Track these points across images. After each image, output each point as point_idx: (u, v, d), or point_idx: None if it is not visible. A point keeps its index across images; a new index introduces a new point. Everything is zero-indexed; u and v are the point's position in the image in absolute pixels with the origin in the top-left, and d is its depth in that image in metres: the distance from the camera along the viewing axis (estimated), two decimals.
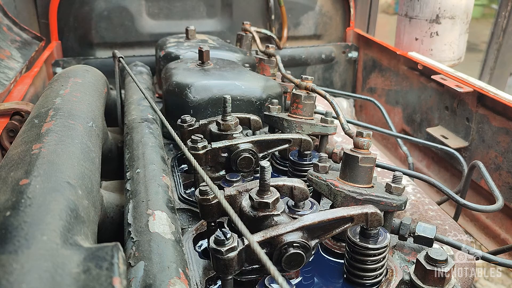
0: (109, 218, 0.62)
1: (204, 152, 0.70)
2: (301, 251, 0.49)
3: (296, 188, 0.58)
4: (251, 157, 0.72)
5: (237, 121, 0.78)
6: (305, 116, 0.82)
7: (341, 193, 0.62)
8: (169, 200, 0.56)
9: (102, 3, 1.57)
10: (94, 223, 0.46)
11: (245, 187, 0.57)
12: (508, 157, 1.19)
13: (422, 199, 0.81)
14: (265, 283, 0.49)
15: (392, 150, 1.75)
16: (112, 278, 0.31)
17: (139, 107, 0.83)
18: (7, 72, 0.95)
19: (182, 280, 0.42)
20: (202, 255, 0.62)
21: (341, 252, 0.63)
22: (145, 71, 1.12)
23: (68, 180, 0.44)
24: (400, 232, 0.64)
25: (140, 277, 0.42)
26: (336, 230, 0.53)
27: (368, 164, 0.62)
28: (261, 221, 0.52)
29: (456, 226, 0.73)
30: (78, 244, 0.36)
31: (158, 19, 1.66)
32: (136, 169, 0.61)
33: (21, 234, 0.33)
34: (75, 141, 0.53)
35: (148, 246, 0.46)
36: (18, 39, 1.14)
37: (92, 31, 1.58)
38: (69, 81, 0.73)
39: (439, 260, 0.54)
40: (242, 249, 0.47)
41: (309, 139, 0.76)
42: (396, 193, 0.62)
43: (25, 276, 0.29)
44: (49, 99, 0.64)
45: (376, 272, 0.57)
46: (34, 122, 0.57)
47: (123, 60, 0.81)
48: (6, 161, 0.48)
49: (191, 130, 0.80)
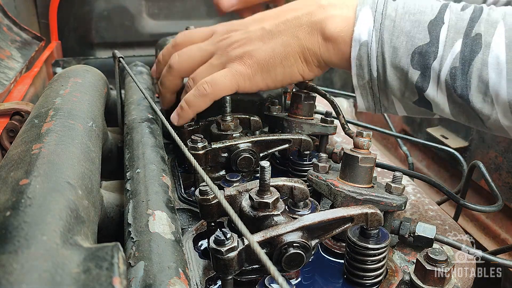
0: (109, 218, 0.62)
1: (204, 152, 0.70)
2: (301, 251, 0.49)
3: (296, 188, 0.58)
4: (251, 157, 0.72)
5: (237, 121, 0.78)
6: (305, 116, 0.82)
7: (341, 193, 0.62)
8: (169, 200, 0.56)
9: (102, 3, 1.57)
10: (94, 223, 0.46)
11: (245, 187, 0.57)
12: (508, 157, 1.19)
13: (422, 199, 0.81)
14: (265, 283, 0.49)
15: (392, 150, 1.75)
16: (112, 278, 0.31)
17: (139, 107, 0.83)
18: (7, 72, 0.95)
19: (182, 280, 0.42)
20: (202, 255, 0.62)
21: (341, 252, 0.63)
22: (145, 71, 1.12)
23: (68, 180, 0.44)
24: (400, 232, 0.64)
25: (140, 277, 0.42)
26: (336, 230, 0.53)
27: (368, 164, 0.62)
28: (261, 221, 0.52)
29: (456, 226, 0.73)
30: (78, 244, 0.36)
31: (158, 19, 1.66)
32: (136, 169, 0.61)
33: (21, 234, 0.33)
34: (75, 141, 0.53)
35: (148, 246, 0.46)
36: (18, 39, 1.14)
37: (92, 31, 1.58)
38: (69, 81, 0.73)
39: (439, 260, 0.54)
40: (242, 249, 0.47)
41: (309, 139, 0.76)
42: (396, 193, 0.62)
43: (25, 276, 0.29)
44: (49, 99, 0.64)
45: (376, 272, 0.57)
46: (34, 122, 0.57)
47: (123, 60, 0.81)
48: (6, 161, 0.48)
49: (191, 130, 0.80)
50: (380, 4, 0.66)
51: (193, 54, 0.80)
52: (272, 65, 0.73)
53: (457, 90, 0.61)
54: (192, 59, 0.80)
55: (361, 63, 0.68)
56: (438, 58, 0.62)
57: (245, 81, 0.74)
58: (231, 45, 0.76)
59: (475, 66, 0.59)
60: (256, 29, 0.75)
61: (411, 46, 0.63)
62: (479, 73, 0.59)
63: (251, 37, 0.75)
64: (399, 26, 0.64)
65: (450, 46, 0.61)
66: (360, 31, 0.66)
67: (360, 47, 0.67)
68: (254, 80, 0.74)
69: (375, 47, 0.65)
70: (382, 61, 0.66)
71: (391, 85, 0.67)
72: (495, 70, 0.57)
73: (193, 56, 0.80)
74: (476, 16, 0.61)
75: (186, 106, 0.77)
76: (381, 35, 0.65)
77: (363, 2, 0.68)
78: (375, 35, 0.65)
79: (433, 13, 0.63)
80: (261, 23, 0.75)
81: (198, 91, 0.75)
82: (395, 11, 0.65)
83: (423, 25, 0.63)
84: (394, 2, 0.66)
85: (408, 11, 0.64)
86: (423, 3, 0.65)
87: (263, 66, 0.73)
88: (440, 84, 0.63)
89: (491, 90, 0.59)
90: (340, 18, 0.68)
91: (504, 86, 0.57)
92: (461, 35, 0.60)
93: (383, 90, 0.70)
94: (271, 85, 0.76)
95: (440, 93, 0.63)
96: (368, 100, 0.73)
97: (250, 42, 0.74)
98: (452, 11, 0.62)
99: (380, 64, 0.66)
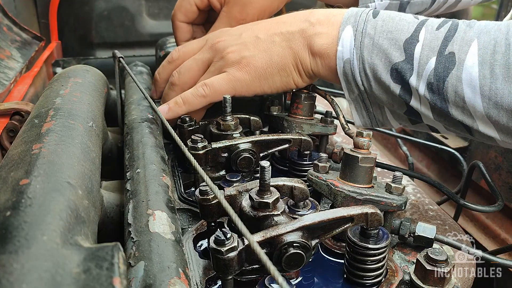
0: (109, 218, 0.62)
1: (204, 152, 0.70)
2: (301, 251, 0.49)
3: (296, 188, 0.58)
4: (251, 157, 0.72)
5: (237, 121, 0.78)
6: (305, 116, 0.82)
7: (341, 193, 0.62)
8: (169, 200, 0.56)
9: (102, 3, 1.57)
10: (94, 223, 0.46)
11: (245, 187, 0.57)
12: (508, 157, 1.19)
13: (422, 199, 0.81)
14: (265, 283, 0.49)
15: (392, 150, 1.75)
16: (112, 278, 0.31)
17: (139, 107, 0.83)
18: (7, 72, 0.95)
19: (182, 280, 0.42)
20: (202, 255, 0.62)
21: (341, 252, 0.63)
22: (145, 71, 1.12)
23: (69, 180, 0.44)
24: (400, 232, 0.64)
25: (140, 277, 0.42)
26: (336, 230, 0.53)
27: (368, 164, 0.62)
28: (261, 221, 0.52)
29: (456, 226, 0.73)
30: (78, 244, 0.36)
31: (158, 19, 1.65)
32: (136, 169, 0.61)
33: (22, 234, 0.33)
34: (75, 141, 0.53)
35: (148, 246, 0.46)
36: (18, 39, 1.14)
37: (92, 31, 1.58)
38: (69, 81, 0.73)
39: (439, 260, 0.55)
40: (242, 249, 0.47)
41: (309, 139, 0.76)
42: (396, 193, 0.62)
43: (26, 276, 0.29)
44: (49, 99, 0.64)
45: (376, 272, 0.57)
46: (34, 122, 0.57)
47: (123, 60, 0.81)
48: (6, 161, 0.48)
49: (191, 130, 0.80)
50: (361, 23, 0.69)
51: (191, 68, 0.82)
52: (270, 74, 0.75)
53: (436, 103, 0.63)
54: (192, 72, 0.82)
55: (348, 79, 0.71)
56: (414, 74, 0.64)
57: (242, 86, 0.76)
58: (226, 48, 0.77)
59: (450, 83, 0.61)
60: (249, 36, 0.77)
61: (388, 63, 0.66)
62: (454, 89, 0.61)
63: (246, 43, 0.76)
64: (377, 43, 0.67)
65: (424, 63, 0.63)
66: (343, 49, 0.69)
67: (344, 64, 0.70)
68: (252, 86, 0.76)
69: (357, 64, 0.68)
70: (366, 76, 0.69)
71: (380, 98, 0.70)
72: (469, 86, 0.59)
73: (192, 69, 0.82)
74: (450, 34, 0.63)
75: (181, 102, 0.78)
76: (361, 52, 0.68)
77: (347, 21, 0.70)
78: (356, 53, 0.68)
79: (409, 32, 0.65)
80: (254, 32, 0.77)
81: (197, 91, 0.77)
82: (374, 29, 0.67)
83: (399, 43, 0.65)
84: (374, 20, 0.68)
85: (386, 29, 0.67)
86: (401, 22, 0.67)
87: (261, 74, 0.75)
88: (421, 98, 0.65)
89: (468, 105, 0.60)
90: (325, 36, 0.71)
91: (479, 101, 0.59)
92: (435, 53, 0.62)
93: (375, 103, 0.73)
94: (268, 91, 0.78)
95: (423, 106, 0.66)
96: (363, 115, 0.76)
97: (246, 48, 0.76)
98: (427, 30, 0.65)
99: (364, 79, 0.69)
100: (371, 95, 0.71)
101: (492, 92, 0.58)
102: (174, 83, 0.82)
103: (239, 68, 0.75)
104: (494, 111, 0.59)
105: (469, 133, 0.65)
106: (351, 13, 0.71)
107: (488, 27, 0.61)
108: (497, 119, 0.59)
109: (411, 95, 0.66)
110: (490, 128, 0.61)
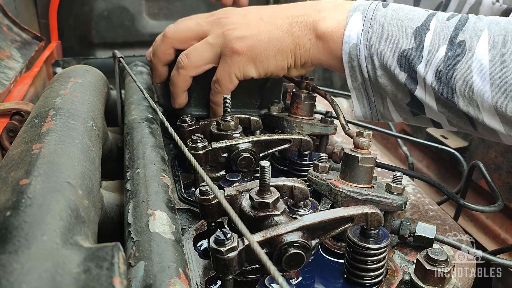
0: (109, 218, 0.62)
1: (204, 152, 0.70)
2: (301, 251, 0.49)
3: (296, 188, 0.58)
4: (251, 157, 0.72)
5: (237, 121, 0.78)
6: (305, 116, 0.82)
7: (341, 193, 0.62)
8: (169, 200, 0.56)
9: (102, 3, 1.57)
10: (94, 223, 0.46)
11: (245, 187, 0.57)
12: (508, 157, 1.19)
13: (422, 199, 0.81)
14: (265, 283, 0.49)
15: (392, 150, 1.75)
16: (112, 278, 0.31)
17: (139, 107, 0.83)
18: (7, 72, 0.95)
19: (182, 280, 0.42)
20: (202, 255, 0.62)
21: (341, 252, 0.63)
22: (145, 71, 1.12)
23: (69, 180, 0.44)
24: (400, 232, 0.64)
25: (140, 277, 0.42)
26: (336, 230, 0.53)
27: (368, 164, 0.62)
28: (261, 221, 0.52)
29: (456, 226, 0.73)
30: (78, 244, 0.36)
31: (158, 19, 1.65)
32: (136, 169, 0.61)
33: (22, 234, 0.33)
34: (76, 141, 0.53)
35: (148, 246, 0.46)
36: (18, 39, 1.14)
37: (92, 31, 1.58)
38: (69, 81, 0.73)
39: (439, 260, 0.55)
40: (242, 249, 0.47)
41: (309, 139, 0.76)
42: (396, 193, 0.62)
43: (26, 276, 0.29)
44: (49, 99, 0.64)
45: (376, 272, 0.57)
46: (34, 122, 0.57)
47: (123, 60, 0.81)
48: (6, 161, 0.48)
49: (191, 130, 0.80)
50: (371, 10, 0.69)
51: (189, 26, 0.82)
52: (265, 56, 0.76)
53: (443, 93, 0.63)
54: (188, 30, 0.82)
55: (352, 65, 0.71)
56: (422, 62, 0.64)
57: (239, 69, 0.77)
58: (228, 25, 0.78)
59: (460, 71, 0.61)
60: (254, 17, 0.78)
61: (397, 49, 0.66)
62: (463, 77, 0.61)
63: (248, 23, 0.77)
64: (386, 30, 0.67)
65: (434, 51, 0.63)
66: (350, 33, 0.69)
67: (350, 49, 0.70)
68: (247, 68, 0.77)
69: (363, 49, 0.68)
70: (372, 63, 0.68)
71: (383, 87, 0.70)
72: (479, 74, 0.59)
73: (189, 28, 0.82)
74: (461, 24, 0.63)
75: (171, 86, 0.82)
76: (369, 38, 0.68)
77: (355, 8, 0.71)
78: (364, 38, 0.68)
79: (420, 21, 0.66)
80: (259, 14, 0.78)
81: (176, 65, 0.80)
82: (384, 17, 0.68)
83: (409, 30, 0.65)
84: (384, 9, 0.69)
85: (396, 17, 0.67)
86: (412, 12, 0.67)
87: (256, 56, 0.76)
88: (427, 87, 0.64)
89: (476, 94, 0.60)
90: (332, 20, 0.72)
91: (488, 90, 0.59)
92: (445, 41, 0.62)
93: (378, 93, 0.72)
94: (262, 74, 0.79)
95: (428, 96, 0.65)
96: (364, 105, 0.75)
97: (248, 27, 0.76)
98: (438, 20, 0.65)
99: (369, 66, 0.69)
100: (375, 84, 0.71)
101: (502, 81, 0.58)
102: (166, 34, 0.83)
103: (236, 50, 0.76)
104: (503, 101, 0.58)
105: (472, 127, 0.65)
106: (360, 3, 0.72)
107: (498, 19, 0.61)
108: (505, 110, 0.59)
109: (416, 84, 0.65)
110: (496, 121, 0.61)
